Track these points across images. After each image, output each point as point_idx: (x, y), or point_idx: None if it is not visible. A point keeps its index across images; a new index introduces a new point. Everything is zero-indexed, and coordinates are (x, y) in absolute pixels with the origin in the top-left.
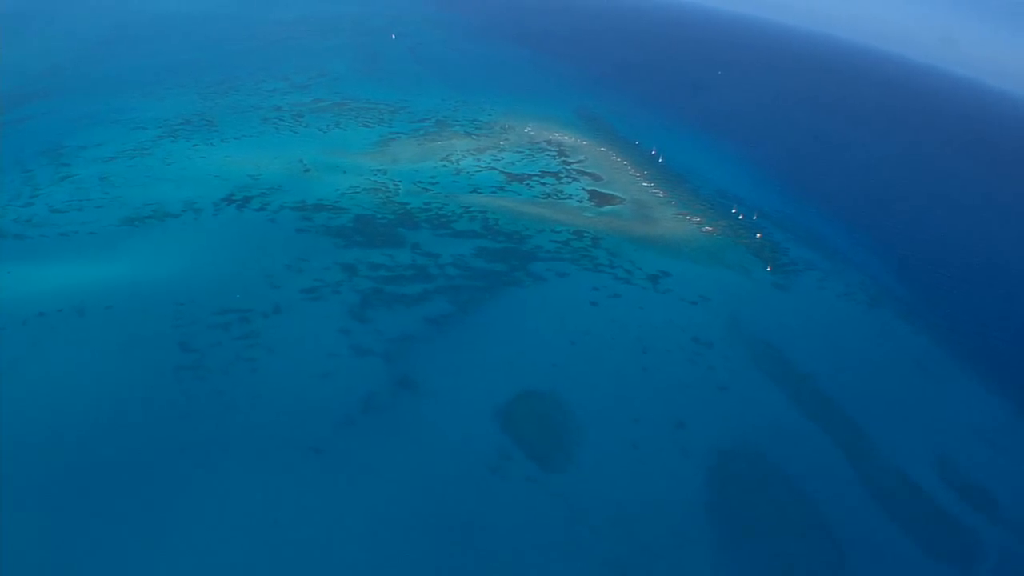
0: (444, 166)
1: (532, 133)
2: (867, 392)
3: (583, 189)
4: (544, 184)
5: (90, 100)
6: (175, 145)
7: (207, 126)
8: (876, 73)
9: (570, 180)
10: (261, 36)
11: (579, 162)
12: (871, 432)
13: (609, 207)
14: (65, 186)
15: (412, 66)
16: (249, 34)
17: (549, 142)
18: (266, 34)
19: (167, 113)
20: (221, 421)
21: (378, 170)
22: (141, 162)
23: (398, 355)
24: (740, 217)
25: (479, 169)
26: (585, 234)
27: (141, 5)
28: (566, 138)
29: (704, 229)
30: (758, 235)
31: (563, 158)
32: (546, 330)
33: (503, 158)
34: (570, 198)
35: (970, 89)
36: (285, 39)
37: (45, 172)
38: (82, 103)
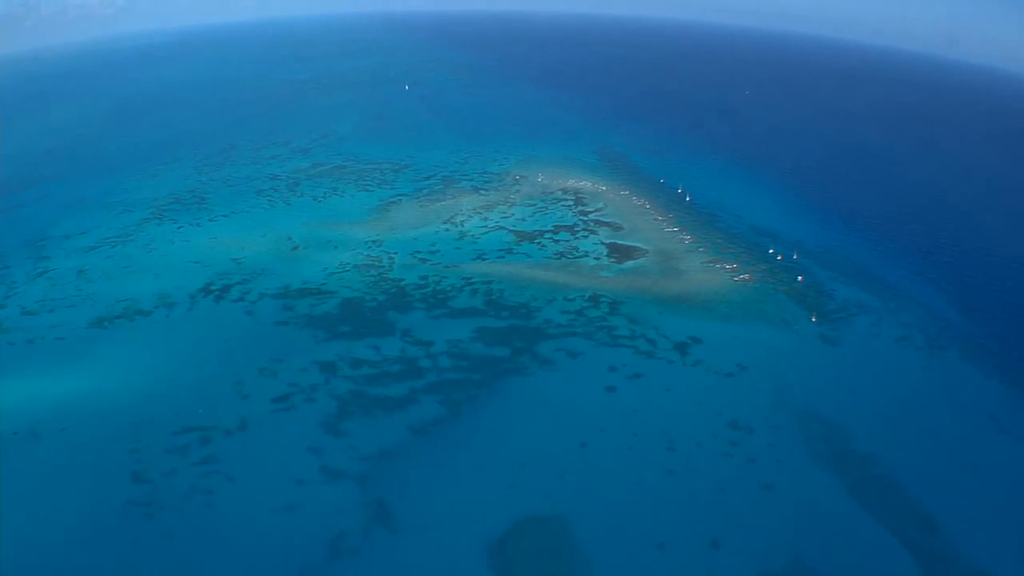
0: (447, 230)
1: (546, 182)
2: (938, 469)
3: (601, 243)
4: (558, 241)
5: (84, 182)
6: (160, 228)
7: (197, 204)
8: (916, 76)
9: (587, 234)
10: (269, 99)
11: (597, 211)
12: (946, 525)
13: (630, 262)
14: (40, 283)
15: (423, 117)
16: (257, 97)
17: (565, 190)
18: (274, 96)
19: (159, 192)
20: (166, 573)
21: (373, 241)
22: (122, 251)
23: (375, 478)
24: (779, 258)
25: (486, 230)
26: (602, 299)
27: (153, 74)
28: (584, 184)
29: (738, 278)
30: (799, 278)
31: (580, 207)
32: (552, 432)
33: (513, 214)
34: (586, 255)
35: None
36: (293, 100)
37: (23, 267)
38: (76, 186)
